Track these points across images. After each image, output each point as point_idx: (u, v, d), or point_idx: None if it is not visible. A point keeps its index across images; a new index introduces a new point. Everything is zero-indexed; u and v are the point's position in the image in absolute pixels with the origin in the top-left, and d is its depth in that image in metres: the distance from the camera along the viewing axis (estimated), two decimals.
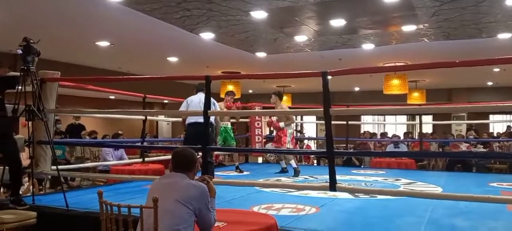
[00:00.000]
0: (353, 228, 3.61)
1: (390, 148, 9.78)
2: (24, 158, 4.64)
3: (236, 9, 6.36)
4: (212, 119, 5.48)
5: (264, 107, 9.14)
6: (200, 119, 5.13)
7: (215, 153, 7.13)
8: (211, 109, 5.41)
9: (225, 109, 6.56)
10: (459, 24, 7.08)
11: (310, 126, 18.36)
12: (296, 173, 6.72)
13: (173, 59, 10.47)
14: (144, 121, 7.31)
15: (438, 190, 5.68)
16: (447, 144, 10.83)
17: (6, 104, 4.24)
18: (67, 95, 11.31)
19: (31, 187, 4.70)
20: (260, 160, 11.00)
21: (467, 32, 7.56)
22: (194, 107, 5.37)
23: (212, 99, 5.41)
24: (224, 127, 6.79)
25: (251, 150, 9.08)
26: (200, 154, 4.64)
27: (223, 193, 4.52)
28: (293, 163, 6.91)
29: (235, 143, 7.27)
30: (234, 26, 7.34)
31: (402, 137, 11.63)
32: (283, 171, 7.18)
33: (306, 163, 11.44)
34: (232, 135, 6.97)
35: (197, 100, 5.46)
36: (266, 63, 10.51)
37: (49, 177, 5.70)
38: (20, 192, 4.31)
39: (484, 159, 9.28)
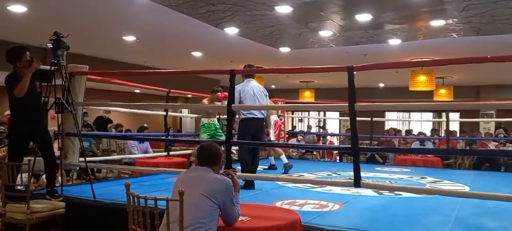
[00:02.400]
0: (377, 226, 3.57)
1: (415, 145, 9.61)
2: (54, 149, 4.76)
3: (261, 4, 6.34)
4: (265, 113, 5.44)
5: (286, 103, 9.11)
6: (257, 114, 5.18)
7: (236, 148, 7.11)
8: (266, 101, 5.44)
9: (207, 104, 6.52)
10: (490, 19, 6.87)
11: (333, 122, 18.22)
12: (286, 169, 6.51)
13: (197, 54, 10.55)
14: (166, 115, 7.39)
15: (466, 189, 5.56)
16: (475, 142, 10.57)
17: None
18: (94, 89, 11.54)
19: (59, 177, 4.82)
20: None
21: (498, 27, 7.33)
22: (249, 100, 5.12)
23: (264, 89, 5.43)
24: (212, 124, 6.51)
25: (276, 144, 9.05)
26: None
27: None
28: (283, 158, 6.76)
29: (224, 138, 7.13)
30: (259, 21, 7.33)
31: (428, 134, 11.41)
32: (272, 168, 7.03)
33: (329, 159, 11.37)
34: (220, 131, 6.62)
35: (250, 91, 5.19)
36: (290, 58, 10.46)
37: (77, 168, 5.84)
38: None
39: None
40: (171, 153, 7.46)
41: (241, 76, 5.46)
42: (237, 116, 5.73)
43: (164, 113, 7.43)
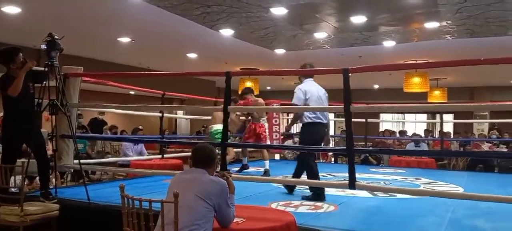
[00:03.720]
0: (372, 227, 3.58)
1: (410, 146, 9.65)
2: (48, 151, 4.73)
3: (256, 5, 6.36)
4: (328, 116, 4.88)
5: (282, 104, 9.13)
6: (323, 119, 4.63)
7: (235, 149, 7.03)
8: (326, 104, 4.85)
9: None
10: (483, 21, 6.93)
11: None
12: (266, 174, 6.16)
13: (192, 55, 10.54)
14: (161, 117, 7.37)
15: (459, 190, 5.58)
16: (469, 143, 10.63)
17: None
18: (88, 90, 11.50)
19: (53, 179, 4.80)
20: (277, 156, 10.99)
21: (492, 29, 7.39)
22: (314, 102, 4.60)
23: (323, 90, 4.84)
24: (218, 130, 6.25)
25: (269, 146, 9.05)
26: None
27: (241, 189, 4.53)
28: (267, 163, 6.34)
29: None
30: (254, 22, 7.34)
31: (423, 135, 11.46)
32: (244, 168, 6.77)
33: (324, 160, 11.38)
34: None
35: (315, 93, 4.65)
36: (285, 60, 10.48)
37: (71, 170, 5.81)
38: None
39: (506, 159, 9.07)
40: (166, 155, 7.44)
41: (299, 77, 5.02)
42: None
43: (160, 114, 7.40)
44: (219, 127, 6.19)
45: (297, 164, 4.80)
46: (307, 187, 4.78)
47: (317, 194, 4.42)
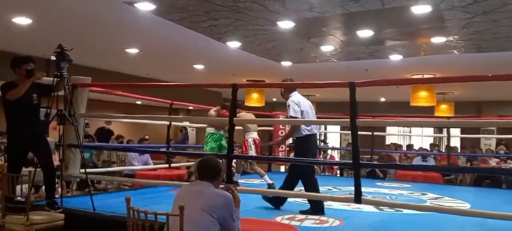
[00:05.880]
0: None
1: (417, 160, 9.59)
2: (55, 160, 4.76)
3: (263, 19, 6.39)
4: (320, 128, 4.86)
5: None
6: (315, 130, 4.67)
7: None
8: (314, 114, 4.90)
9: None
10: (491, 36, 6.91)
11: (333, 135, 18.18)
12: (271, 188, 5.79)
13: (199, 66, 10.59)
14: (169, 127, 7.41)
15: (466, 206, 5.53)
16: (476, 159, 10.55)
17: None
18: (95, 100, 11.58)
19: (59, 189, 4.82)
20: (282, 168, 10.96)
21: (499, 45, 7.37)
22: (311, 114, 4.67)
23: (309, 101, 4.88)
24: (219, 134, 6.40)
25: (276, 159, 9.04)
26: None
27: (247, 202, 4.52)
28: (267, 178, 6.01)
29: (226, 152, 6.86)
30: (261, 35, 7.38)
31: (429, 149, 11.38)
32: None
33: (329, 174, 11.34)
34: (225, 144, 6.19)
35: (306, 104, 4.69)
36: (291, 72, 10.49)
37: (77, 179, 5.84)
38: None
39: None
40: (172, 164, 7.45)
41: (284, 90, 4.94)
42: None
43: (167, 123, 7.45)
44: (209, 129, 6.35)
45: (289, 177, 4.66)
46: (303, 200, 4.74)
47: (318, 208, 4.36)
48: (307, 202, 4.61)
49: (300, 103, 4.59)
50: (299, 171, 4.59)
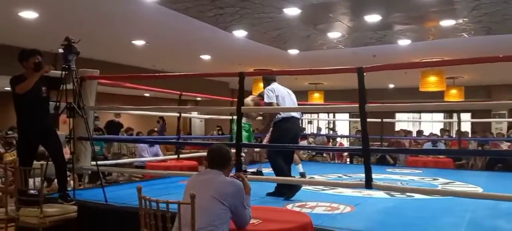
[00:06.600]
0: (389, 229, 3.54)
1: (427, 146, 9.52)
2: (66, 153, 4.80)
3: (269, 6, 6.36)
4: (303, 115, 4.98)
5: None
6: (296, 114, 4.77)
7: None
8: (295, 101, 5.02)
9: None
10: (500, 18, 6.81)
11: (342, 123, 18.14)
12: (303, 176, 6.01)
13: (206, 57, 10.59)
14: (179, 118, 7.42)
15: (478, 190, 5.49)
16: (487, 143, 10.45)
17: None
18: (104, 93, 11.64)
19: (72, 181, 4.86)
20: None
21: (509, 26, 7.26)
22: (287, 101, 4.77)
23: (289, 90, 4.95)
24: (248, 124, 6.36)
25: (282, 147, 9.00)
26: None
27: (257, 190, 4.53)
28: (300, 167, 6.15)
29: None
30: (267, 23, 7.34)
31: (439, 135, 11.30)
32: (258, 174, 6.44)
33: (339, 161, 11.32)
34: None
35: (282, 90, 4.82)
36: (298, 60, 10.45)
37: (89, 172, 5.88)
38: None
39: None
40: (181, 155, 7.48)
41: (262, 81, 5.18)
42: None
43: (177, 115, 7.45)
44: (243, 121, 6.23)
45: (273, 164, 4.71)
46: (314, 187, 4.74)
47: (284, 190, 4.42)
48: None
49: (274, 90, 4.75)
50: (271, 155, 4.71)
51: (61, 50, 4.38)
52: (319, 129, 14.61)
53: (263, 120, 6.48)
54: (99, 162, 4.94)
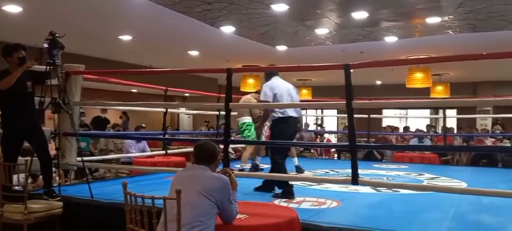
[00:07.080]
0: (375, 223, 3.56)
1: (413, 142, 9.62)
2: (51, 149, 4.74)
3: (257, 2, 6.35)
4: (300, 112, 4.96)
5: None
6: (293, 113, 4.66)
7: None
8: (296, 98, 4.92)
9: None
10: (485, 16, 6.90)
11: (330, 119, 18.23)
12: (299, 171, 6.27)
13: (194, 53, 10.54)
14: (165, 114, 7.37)
15: (463, 185, 5.57)
16: (472, 139, 10.60)
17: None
18: (90, 89, 11.50)
19: (57, 177, 4.81)
20: None
21: (494, 24, 7.36)
22: (284, 99, 4.64)
23: (292, 86, 4.86)
24: (247, 123, 6.31)
25: (272, 144, 9.01)
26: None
27: (244, 186, 4.53)
28: (296, 160, 6.43)
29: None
30: (255, 19, 7.33)
31: (425, 131, 11.42)
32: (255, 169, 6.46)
33: (326, 157, 11.39)
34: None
35: (283, 87, 4.68)
36: (287, 56, 10.46)
37: (75, 168, 5.83)
38: None
39: (510, 154, 9.03)
40: (169, 151, 7.44)
41: (264, 76, 5.05)
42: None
43: (164, 110, 7.40)
44: (247, 119, 6.17)
45: (273, 160, 4.69)
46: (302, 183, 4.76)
47: (287, 192, 4.35)
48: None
49: (274, 87, 4.61)
50: (272, 154, 4.72)
51: (45, 45, 4.32)
52: (306, 125, 14.64)
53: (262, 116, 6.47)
54: (84, 158, 4.89)
